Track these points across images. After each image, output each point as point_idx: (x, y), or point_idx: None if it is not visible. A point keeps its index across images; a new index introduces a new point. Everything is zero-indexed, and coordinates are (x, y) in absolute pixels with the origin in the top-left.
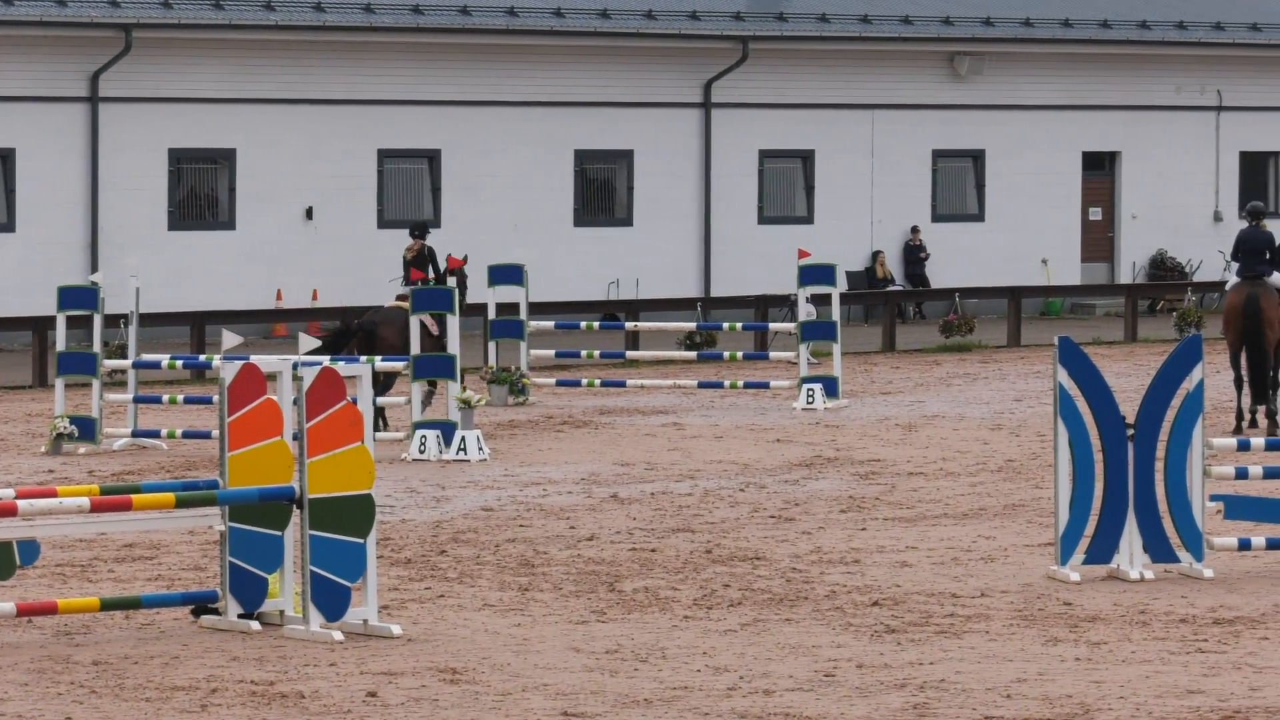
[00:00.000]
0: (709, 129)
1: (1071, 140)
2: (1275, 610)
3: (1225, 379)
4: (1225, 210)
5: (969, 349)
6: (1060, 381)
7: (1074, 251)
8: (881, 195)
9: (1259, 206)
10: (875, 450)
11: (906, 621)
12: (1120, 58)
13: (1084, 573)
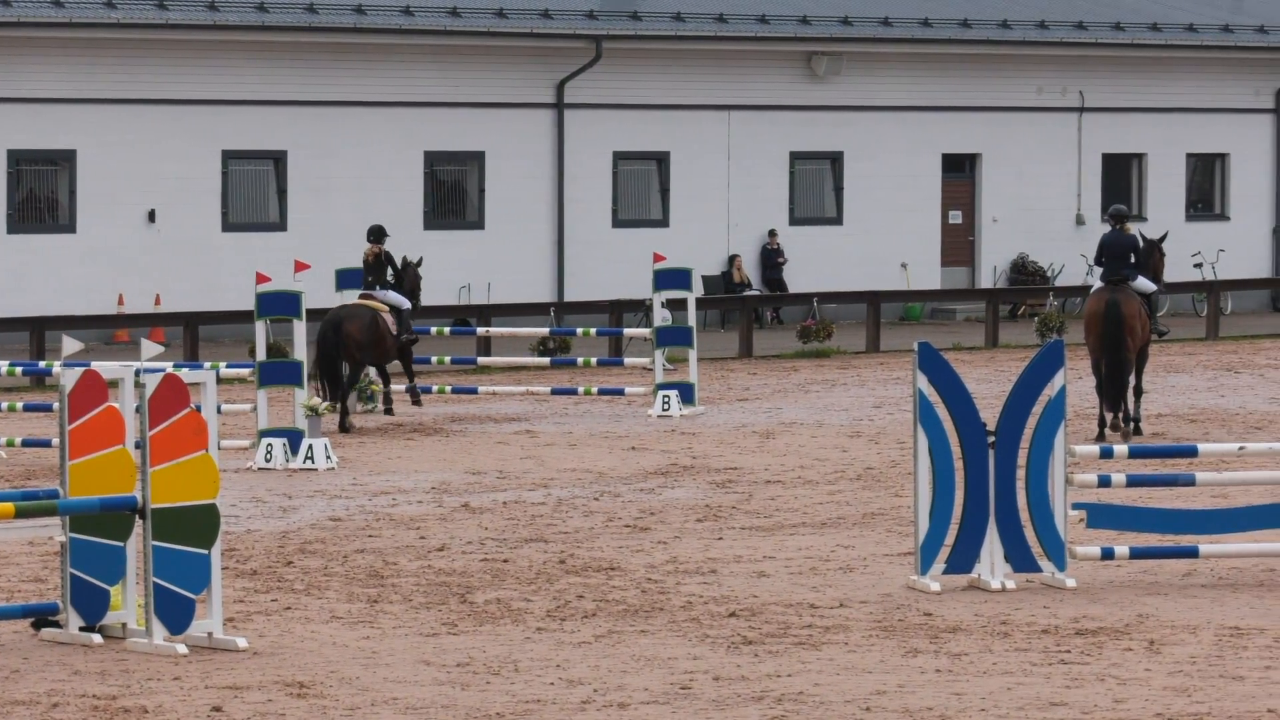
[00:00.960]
0: (562, 130)
1: (931, 142)
2: (1139, 621)
3: (1088, 385)
4: (1088, 213)
5: (827, 355)
6: (920, 388)
7: (934, 255)
8: (738, 198)
9: (1121, 210)
10: (732, 458)
11: (764, 633)
12: (980, 58)
13: (944, 582)
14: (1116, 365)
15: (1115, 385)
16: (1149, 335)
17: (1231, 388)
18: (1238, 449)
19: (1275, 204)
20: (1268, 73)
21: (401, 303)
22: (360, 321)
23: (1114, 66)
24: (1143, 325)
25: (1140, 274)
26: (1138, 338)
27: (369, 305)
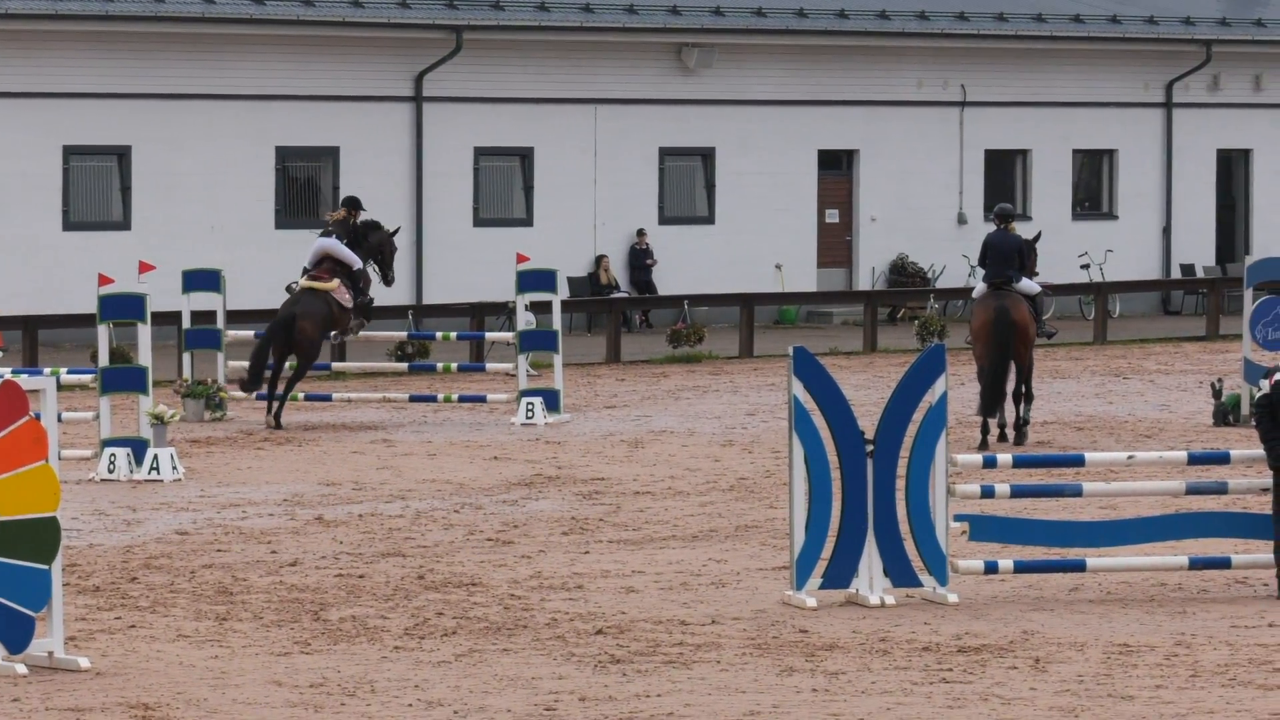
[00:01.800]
0: (420, 124)
1: (807, 138)
2: (1024, 638)
3: (973, 390)
4: (970, 212)
5: (698, 360)
6: (795, 394)
7: (810, 256)
8: (605, 196)
9: (1007, 209)
10: (599, 468)
11: (632, 651)
12: (858, 50)
13: (821, 598)
14: (1001, 371)
15: (996, 390)
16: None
17: (1120, 394)
18: (1126, 458)
19: (1165, 202)
20: (1158, 65)
21: (354, 260)
22: (313, 319)
23: (997, 59)
24: (1032, 330)
25: (1026, 276)
26: (1029, 345)
27: (319, 290)
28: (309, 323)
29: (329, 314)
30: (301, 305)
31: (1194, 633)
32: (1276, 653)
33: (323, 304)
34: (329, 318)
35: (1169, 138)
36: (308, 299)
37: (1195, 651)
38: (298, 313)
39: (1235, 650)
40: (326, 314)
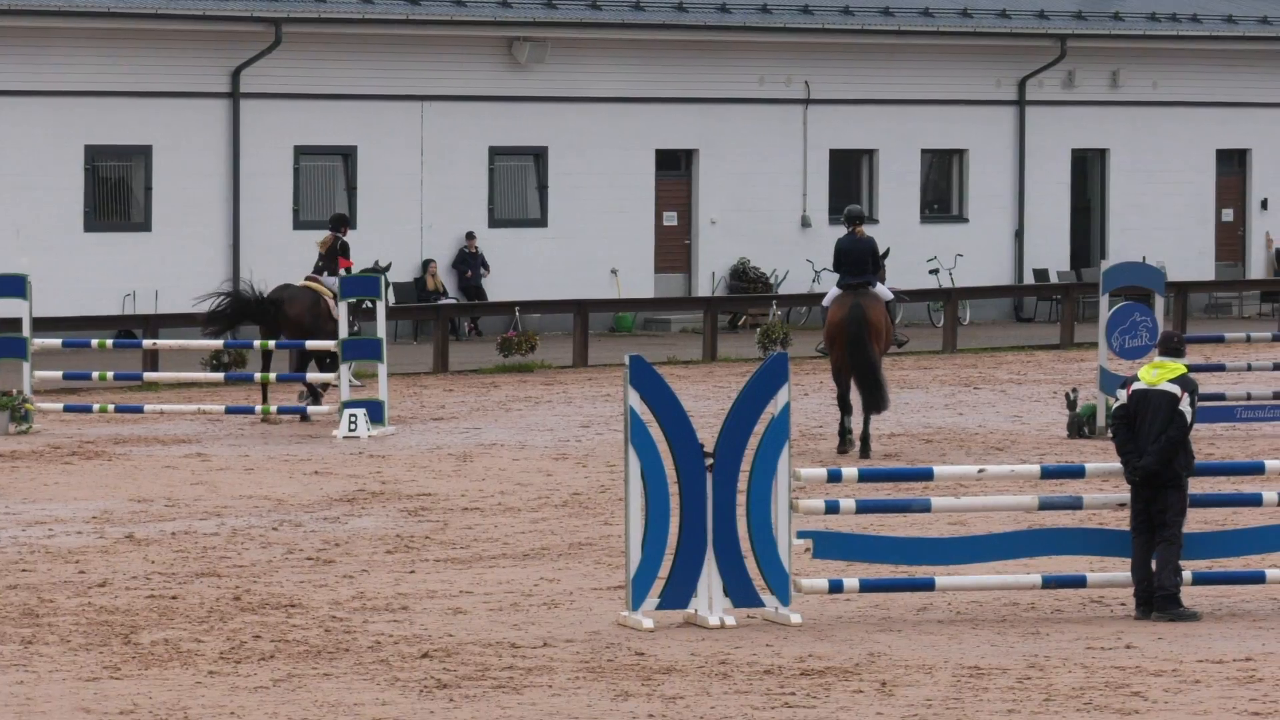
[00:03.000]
0: (238, 122)
1: (644, 137)
2: (870, 660)
3: (817, 401)
4: (814, 215)
5: (530, 369)
6: (631, 405)
7: (647, 260)
8: (433, 197)
9: (858, 211)
10: (426, 483)
11: (460, 675)
12: (698, 45)
13: (658, 619)
14: (866, 372)
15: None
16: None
17: (971, 405)
18: (977, 471)
19: (1018, 204)
20: (1011, 61)
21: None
22: (302, 304)
23: (842, 55)
24: (887, 333)
25: (880, 280)
26: (883, 344)
27: (312, 287)
28: (296, 306)
29: (316, 302)
30: (290, 292)
31: (1047, 654)
32: (1134, 675)
33: (312, 293)
34: (316, 304)
35: (1022, 137)
36: (295, 289)
37: (1049, 674)
38: (285, 298)
39: (1091, 673)
40: (315, 300)
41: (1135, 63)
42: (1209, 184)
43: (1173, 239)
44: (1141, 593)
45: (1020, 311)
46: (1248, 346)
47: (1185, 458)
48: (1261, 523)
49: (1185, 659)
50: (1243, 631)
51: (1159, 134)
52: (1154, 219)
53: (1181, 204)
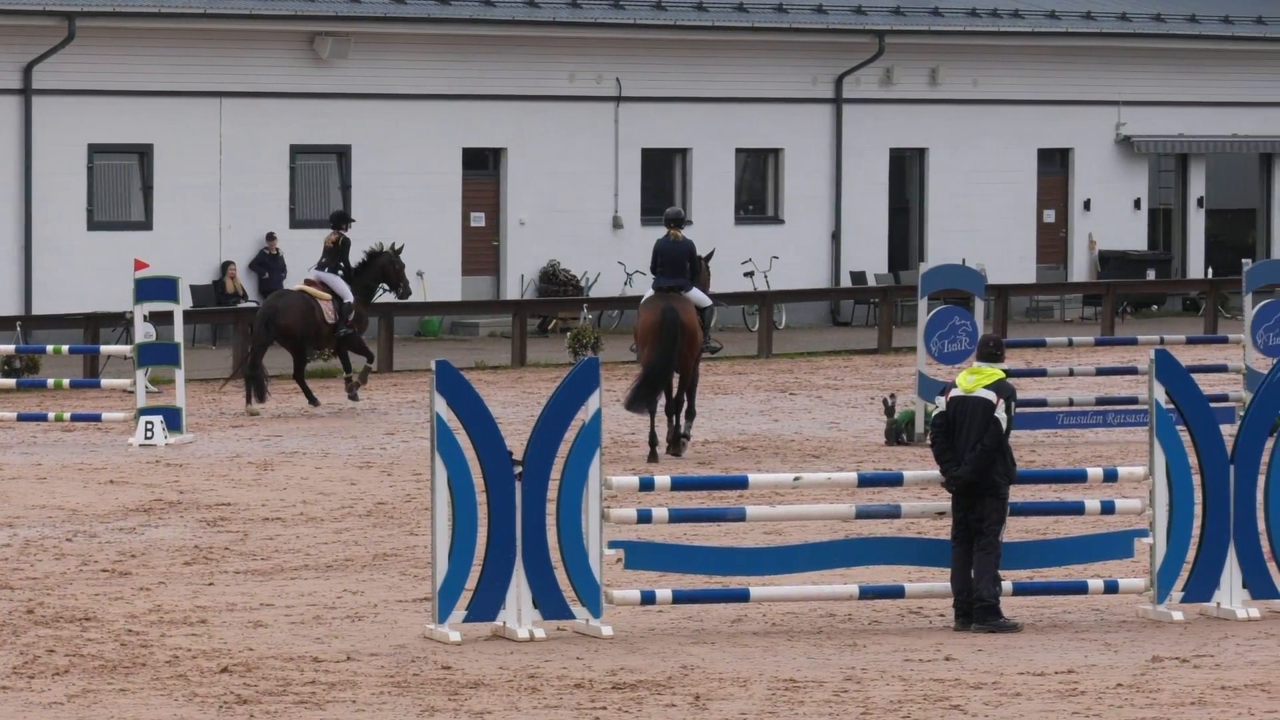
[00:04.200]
0: (29, 119)
1: (450, 135)
2: (683, 673)
3: None
4: (626, 216)
5: (332, 374)
6: (438, 412)
7: (454, 263)
8: (232, 197)
9: (676, 213)
10: (225, 492)
11: (261, 690)
12: (506, 40)
13: (465, 631)
14: (663, 370)
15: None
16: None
17: (786, 411)
18: (792, 480)
19: (834, 205)
20: (828, 58)
21: (345, 293)
22: (292, 314)
23: (655, 51)
24: (699, 336)
25: (698, 284)
26: (695, 349)
27: (307, 291)
28: (288, 319)
29: (308, 308)
30: (282, 302)
31: (865, 667)
32: (953, 688)
33: (302, 299)
34: (308, 311)
35: (839, 136)
36: (288, 296)
37: (866, 687)
38: (277, 309)
39: (909, 685)
40: (306, 307)
41: (955, 60)
42: (1030, 184)
43: (993, 241)
44: (961, 604)
45: (837, 315)
46: (1070, 351)
47: (1005, 465)
48: (1083, 531)
49: (1006, 671)
50: (1064, 643)
51: (979, 133)
52: (974, 220)
53: (1002, 205)
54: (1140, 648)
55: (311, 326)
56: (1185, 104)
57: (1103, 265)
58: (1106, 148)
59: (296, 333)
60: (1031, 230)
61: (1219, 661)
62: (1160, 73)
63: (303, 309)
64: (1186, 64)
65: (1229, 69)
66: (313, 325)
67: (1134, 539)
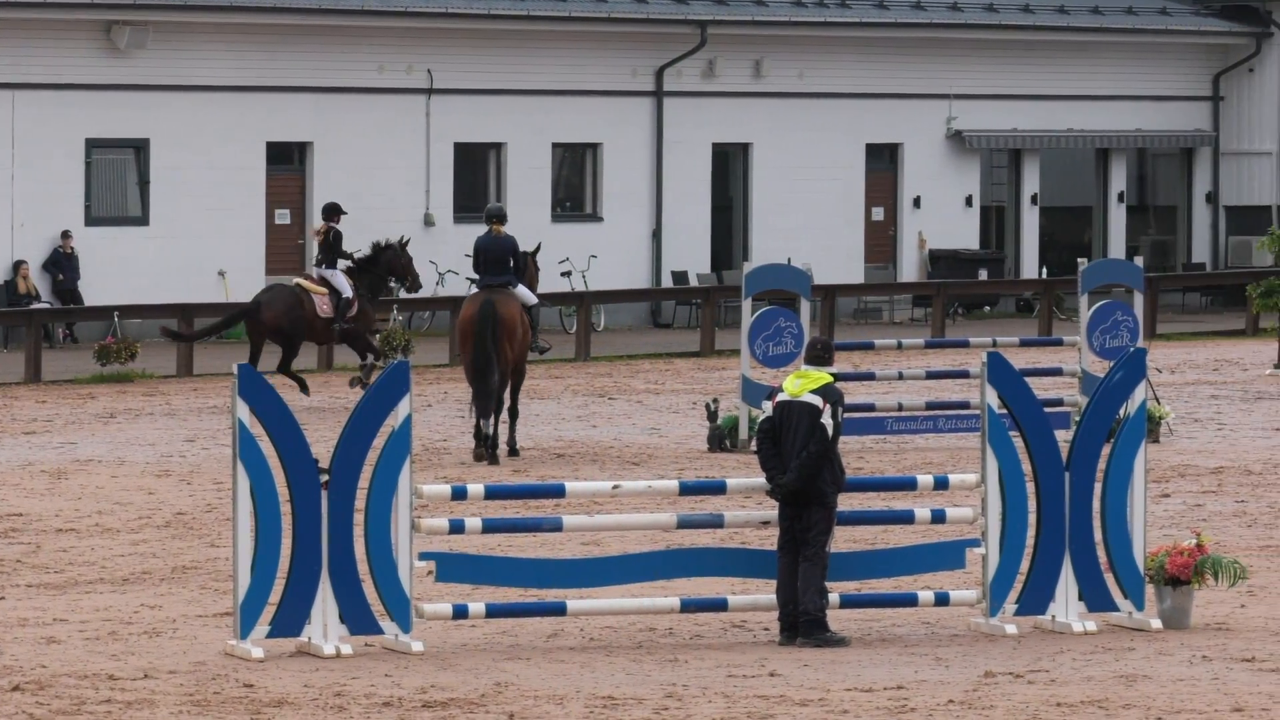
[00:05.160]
0: None
1: (254, 129)
2: (496, 690)
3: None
4: (438, 212)
5: (130, 379)
6: (240, 418)
7: (258, 261)
8: (25, 193)
9: (499, 209)
10: (16, 502)
11: (54, 709)
12: (312, 30)
13: (269, 648)
14: (488, 368)
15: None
16: (527, 349)
17: (605, 416)
18: (612, 488)
19: (655, 202)
20: (648, 49)
21: (343, 289)
22: (278, 307)
23: (468, 41)
24: (524, 333)
25: (522, 280)
26: (517, 345)
27: (301, 285)
28: (272, 313)
29: (296, 302)
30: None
31: (686, 683)
32: (778, 705)
33: (290, 293)
34: (296, 305)
35: (659, 130)
36: (275, 291)
37: (688, 704)
38: (261, 302)
39: (732, 702)
40: (293, 301)
41: (780, 51)
42: (858, 181)
43: (820, 239)
44: (786, 617)
45: (658, 317)
46: (899, 353)
47: (832, 473)
48: (914, 541)
49: (833, 687)
50: (894, 658)
51: (805, 127)
52: (800, 218)
53: (829, 202)
54: (972, 662)
55: (299, 320)
56: (1019, 98)
57: (933, 265)
58: (937, 143)
59: (282, 326)
60: (859, 228)
61: (1054, 677)
62: (993, 65)
63: (289, 302)
64: (1020, 56)
65: (1065, 61)
66: (300, 319)
67: (966, 549)
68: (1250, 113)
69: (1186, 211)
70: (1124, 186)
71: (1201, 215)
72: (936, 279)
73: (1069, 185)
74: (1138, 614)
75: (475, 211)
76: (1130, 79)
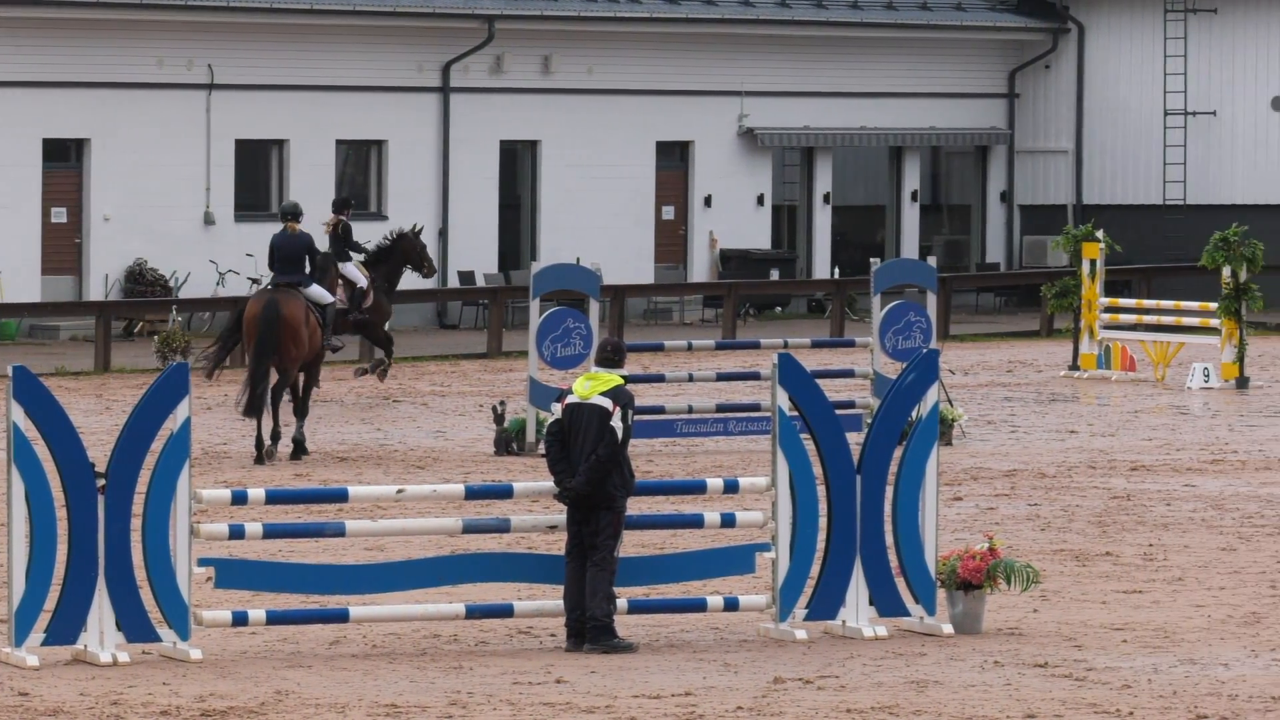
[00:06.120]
0: None
1: (29, 125)
2: (277, 699)
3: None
4: (219, 211)
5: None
6: (15, 421)
7: (33, 261)
8: None
9: (293, 206)
10: None
11: None
12: (90, 23)
13: (44, 656)
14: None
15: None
16: (320, 347)
17: (390, 419)
18: (396, 492)
19: (441, 201)
20: (435, 45)
21: (358, 279)
22: None
23: (251, 36)
24: (312, 333)
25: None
26: (303, 345)
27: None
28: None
29: None
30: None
31: (471, 690)
32: (564, 712)
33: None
34: None
35: (446, 127)
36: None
37: (472, 712)
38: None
39: (518, 710)
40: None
41: (569, 47)
42: (649, 179)
43: (609, 239)
44: (573, 623)
45: (444, 318)
46: (690, 355)
47: (622, 477)
48: (703, 545)
49: (620, 694)
50: (682, 664)
51: (594, 125)
52: (589, 217)
53: (619, 201)
54: (762, 668)
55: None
56: (812, 95)
57: (724, 265)
58: (729, 141)
59: None
60: (650, 228)
61: (844, 682)
62: (785, 62)
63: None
64: (813, 53)
65: (858, 58)
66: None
67: (755, 554)
68: (1046, 110)
69: (981, 211)
70: (918, 185)
71: (996, 214)
72: (727, 279)
73: (862, 184)
74: (929, 619)
75: (257, 210)
76: (925, 76)
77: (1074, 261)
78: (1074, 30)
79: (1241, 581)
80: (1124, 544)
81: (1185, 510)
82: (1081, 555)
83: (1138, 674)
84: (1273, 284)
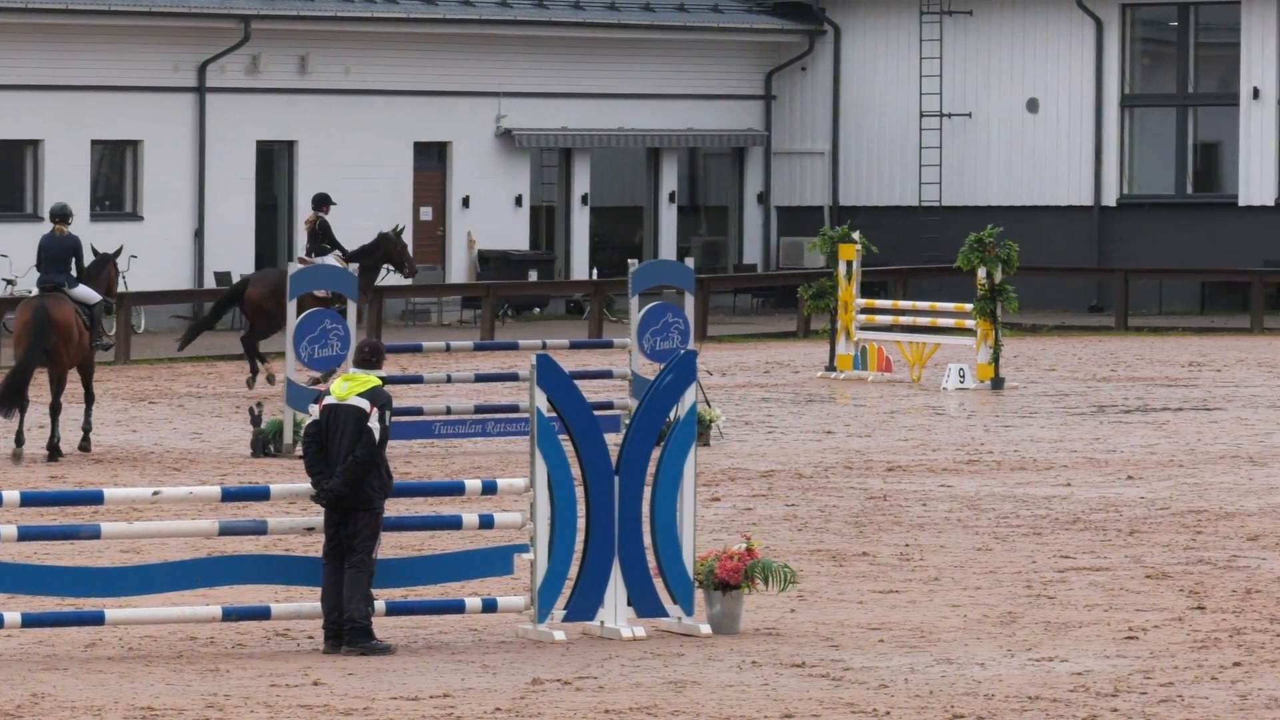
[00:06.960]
0: None
1: None
2: (33, 702)
3: None
4: None
5: None
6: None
7: None
8: None
9: (62, 207)
10: None
11: None
12: None
13: None
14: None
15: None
16: (89, 348)
17: (146, 421)
18: (152, 494)
19: (198, 201)
20: (191, 44)
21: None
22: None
23: (2, 35)
24: (80, 334)
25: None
26: (74, 348)
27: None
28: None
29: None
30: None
31: (228, 693)
32: (322, 714)
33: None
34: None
35: (202, 127)
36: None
37: (229, 714)
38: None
39: (275, 712)
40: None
41: (326, 47)
42: (406, 180)
43: (367, 238)
44: (330, 625)
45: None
46: (448, 356)
47: (379, 478)
48: (462, 547)
49: (378, 696)
50: (440, 665)
51: (352, 125)
52: (347, 218)
53: (377, 201)
54: (520, 669)
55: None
56: (570, 96)
57: (482, 266)
58: (487, 141)
59: (268, 307)
60: (408, 228)
61: (602, 683)
62: (543, 63)
63: (276, 283)
64: (571, 54)
65: (616, 59)
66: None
67: (514, 555)
68: (802, 112)
69: (738, 212)
70: (675, 186)
71: (753, 216)
72: (486, 280)
73: (620, 185)
74: (687, 619)
75: (11, 210)
76: (682, 77)
77: (830, 263)
78: (830, 32)
79: (997, 581)
80: (880, 544)
81: (941, 510)
82: (838, 555)
83: (894, 674)
84: (1028, 285)
